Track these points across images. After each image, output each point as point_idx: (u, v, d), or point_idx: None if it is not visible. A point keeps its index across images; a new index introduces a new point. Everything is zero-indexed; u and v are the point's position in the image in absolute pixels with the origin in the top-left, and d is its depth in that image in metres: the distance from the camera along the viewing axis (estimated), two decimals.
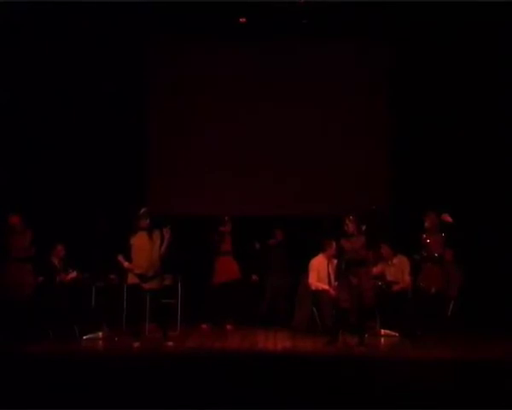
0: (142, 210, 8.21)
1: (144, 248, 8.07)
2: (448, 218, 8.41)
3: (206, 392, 5.72)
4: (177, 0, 9.82)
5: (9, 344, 7.84)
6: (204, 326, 9.49)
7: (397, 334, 8.69)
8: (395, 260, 9.20)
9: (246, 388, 5.80)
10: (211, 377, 6.25)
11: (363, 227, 8.08)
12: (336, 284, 8.50)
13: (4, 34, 9.80)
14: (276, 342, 8.53)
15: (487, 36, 9.98)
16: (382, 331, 8.82)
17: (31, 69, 10.20)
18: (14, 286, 8.40)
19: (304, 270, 9.32)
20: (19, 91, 10.13)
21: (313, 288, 9.08)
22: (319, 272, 9.10)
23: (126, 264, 8.13)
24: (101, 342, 8.53)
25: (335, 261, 8.91)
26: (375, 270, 8.84)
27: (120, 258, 8.15)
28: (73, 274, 8.99)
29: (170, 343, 8.13)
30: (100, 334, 8.67)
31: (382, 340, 8.70)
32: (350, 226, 8.08)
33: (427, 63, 10.45)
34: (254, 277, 9.99)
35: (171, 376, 6.37)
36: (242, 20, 10.34)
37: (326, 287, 8.98)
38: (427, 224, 8.63)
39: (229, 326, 9.44)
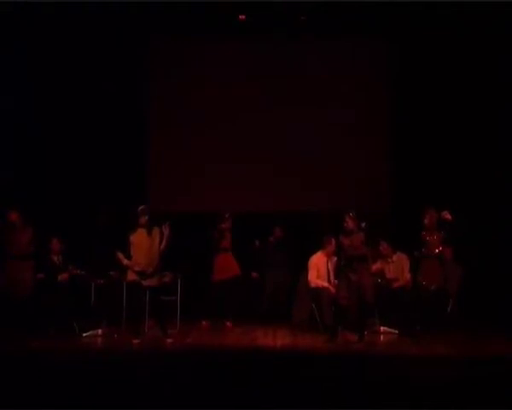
0: (141, 207, 8.22)
1: (143, 246, 8.08)
2: (448, 215, 8.40)
3: (205, 389, 5.72)
4: (177, 0, 9.82)
5: (9, 341, 7.84)
6: (204, 323, 9.49)
7: (396, 331, 8.69)
8: (395, 258, 9.19)
9: (245, 385, 5.80)
10: (210, 375, 6.25)
11: (363, 224, 8.09)
12: (336, 281, 8.51)
13: (4, 34, 9.81)
14: (276, 339, 8.53)
15: (488, 34, 9.98)
16: (382, 329, 8.82)
17: (31, 68, 10.23)
18: (14, 283, 8.41)
19: (303, 267, 9.33)
20: (19, 87, 10.14)
21: (313, 285, 9.07)
22: (319, 269, 9.09)
23: (125, 261, 8.14)
24: (100, 339, 8.53)
25: (335, 259, 8.94)
26: (374, 267, 8.84)
27: (119, 255, 8.16)
28: (76, 271, 8.97)
29: (170, 340, 8.14)
30: (99, 331, 8.67)
31: (382, 337, 8.70)
32: (349, 223, 8.08)
33: (428, 63, 10.44)
34: (254, 274, 10.01)
35: (171, 373, 6.37)
36: (242, 17, 10.35)
37: (326, 284, 8.98)
38: (426, 221, 8.63)
39: (228, 323, 9.44)
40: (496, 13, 9.52)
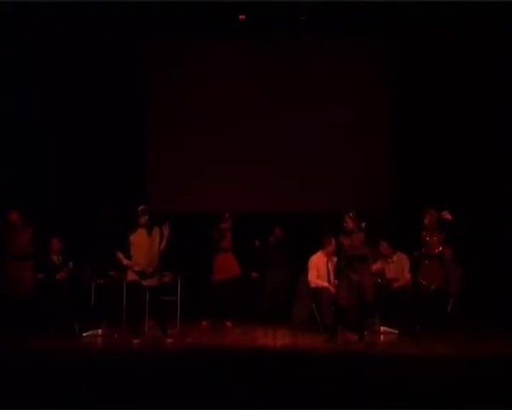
0: (141, 207, 8.22)
1: (143, 246, 8.08)
2: (448, 215, 8.40)
3: (205, 389, 5.72)
4: (177, 0, 9.82)
5: (9, 341, 7.84)
6: (204, 323, 9.49)
7: (396, 331, 8.69)
8: (395, 258, 9.19)
9: (245, 385, 5.80)
10: (210, 375, 6.25)
11: (363, 224, 8.09)
12: (336, 281, 8.51)
13: (4, 34, 9.81)
14: (276, 339, 8.53)
15: (488, 34, 9.97)
16: (382, 329, 8.82)
17: (31, 68, 10.24)
18: (14, 283, 8.41)
19: (303, 267, 9.33)
20: (19, 87, 10.15)
21: (313, 285, 9.07)
22: (319, 269, 9.09)
23: (125, 261, 8.14)
24: (100, 339, 8.53)
25: (335, 259, 8.93)
26: (374, 267, 8.84)
27: (119, 255, 8.16)
28: (76, 271, 8.96)
29: (170, 340, 8.14)
30: (99, 331, 8.67)
31: (382, 337, 8.70)
32: (349, 223, 8.08)
33: (428, 63, 10.44)
34: (254, 274, 10.01)
35: (171, 373, 6.37)
36: (242, 17, 10.35)
37: (326, 284, 8.98)
38: (426, 221, 8.63)
39: (228, 323, 9.44)
40: (496, 13, 9.52)
